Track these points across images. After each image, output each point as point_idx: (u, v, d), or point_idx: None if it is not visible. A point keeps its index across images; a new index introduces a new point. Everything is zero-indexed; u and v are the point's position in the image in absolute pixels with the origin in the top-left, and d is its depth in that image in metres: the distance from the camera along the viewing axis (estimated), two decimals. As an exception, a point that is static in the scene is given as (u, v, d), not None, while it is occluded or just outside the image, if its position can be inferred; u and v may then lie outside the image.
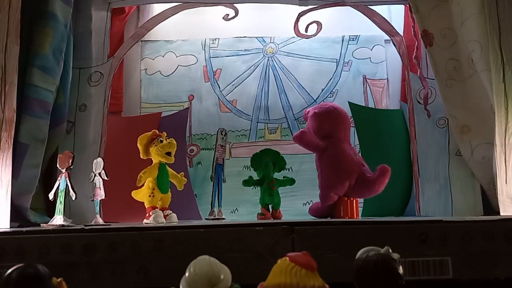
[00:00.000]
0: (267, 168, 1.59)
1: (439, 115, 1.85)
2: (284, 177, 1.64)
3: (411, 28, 1.95)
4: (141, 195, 1.50)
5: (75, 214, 1.61)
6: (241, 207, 1.98)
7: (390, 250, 0.71)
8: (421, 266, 1.05)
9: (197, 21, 2.22)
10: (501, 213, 1.43)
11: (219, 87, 2.19)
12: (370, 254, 0.71)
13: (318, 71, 2.19)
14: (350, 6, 1.95)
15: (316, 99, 2.15)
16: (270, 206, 1.59)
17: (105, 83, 1.90)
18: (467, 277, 1.06)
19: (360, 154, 1.78)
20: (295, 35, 2.06)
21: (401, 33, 2.03)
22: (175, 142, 1.54)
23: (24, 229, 1.18)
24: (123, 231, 1.12)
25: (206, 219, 1.70)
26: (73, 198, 1.39)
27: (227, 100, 2.17)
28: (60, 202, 1.39)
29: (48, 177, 1.69)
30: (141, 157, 1.53)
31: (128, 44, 2.04)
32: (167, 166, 1.53)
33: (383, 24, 1.99)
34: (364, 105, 2.11)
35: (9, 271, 0.67)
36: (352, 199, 1.57)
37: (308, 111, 1.68)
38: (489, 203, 1.71)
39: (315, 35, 2.05)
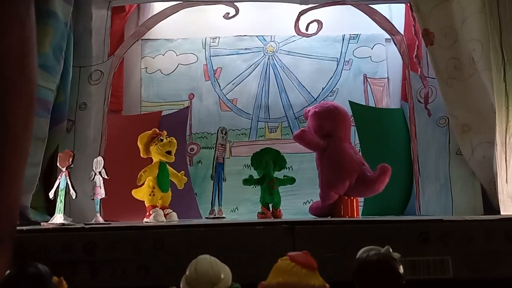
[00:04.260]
0: (268, 167, 1.59)
1: (440, 114, 1.85)
2: (284, 176, 1.63)
3: (412, 27, 1.95)
4: (141, 194, 1.50)
5: (75, 212, 1.61)
6: (241, 206, 1.98)
7: (391, 250, 0.71)
8: (421, 265, 1.05)
9: (197, 19, 2.22)
10: (502, 213, 1.43)
11: (220, 86, 2.18)
12: (371, 254, 0.70)
13: (319, 70, 2.18)
14: (351, 4, 1.95)
15: (317, 98, 2.14)
16: (270, 205, 1.59)
17: (105, 81, 1.89)
18: (467, 277, 1.06)
19: (360, 153, 1.78)
20: (295, 34, 2.06)
21: (402, 32, 2.03)
22: (175, 141, 1.54)
23: (24, 227, 1.18)
24: (123, 230, 1.12)
25: (206, 218, 1.70)
26: (73, 197, 1.39)
27: (228, 99, 2.17)
28: (60, 201, 1.39)
29: (48, 176, 1.69)
30: (141, 156, 1.53)
31: (128, 42, 2.04)
32: (167, 165, 1.53)
33: (384, 23, 1.99)
34: (364, 104, 2.11)
35: (9, 270, 0.67)
36: (352, 198, 1.57)
37: (309, 110, 1.68)
38: (490, 203, 1.71)
39: (315, 34, 2.04)
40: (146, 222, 1.44)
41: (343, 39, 2.21)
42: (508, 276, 1.05)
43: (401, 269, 0.69)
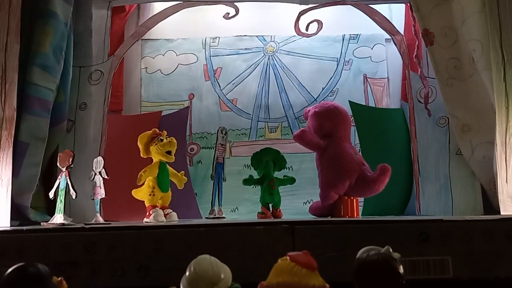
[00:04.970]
0: (268, 167, 1.59)
1: (440, 114, 1.85)
2: (284, 176, 1.64)
3: (412, 27, 1.95)
4: (141, 194, 1.50)
5: (76, 212, 1.61)
6: (241, 206, 1.98)
7: (391, 250, 0.71)
8: (421, 265, 1.05)
9: (197, 19, 2.22)
10: (502, 213, 1.43)
11: (220, 86, 2.18)
12: (371, 254, 0.71)
13: (319, 70, 2.18)
14: (351, 4, 1.95)
15: (317, 98, 2.14)
16: (270, 205, 1.59)
17: (105, 81, 1.89)
18: (467, 277, 1.06)
19: (360, 153, 1.78)
20: (295, 34, 2.05)
21: (402, 32, 2.03)
22: (175, 141, 1.54)
23: (25, 227, 1.19)
24: (123, 230, 1.12)
25: (206, 218, 1.70)
26: (74, 197, 1.39)
27: (228, 99, 2.17)
28: (61, 201, 1.39)
29: (49, 176, 1.69)
30: (142, 156, 1.53)
31: (128, 42, 2.04)
32: (167, 165, 1.53)
33: (384, 23, 1.99)
34: (364, 104, 2.11)
35: (9, 270, 0.67)
36: (352, 198, 1.57)
37: (309, 110, 1.68)
38: (490, 203, 1.71)
39: (315, 34, 2.04)
40: (146, 222, 1.44)
41: (343, 39, 2.21)
42: (508, 276, 1.05)
43: (401, 269, 0.69)
